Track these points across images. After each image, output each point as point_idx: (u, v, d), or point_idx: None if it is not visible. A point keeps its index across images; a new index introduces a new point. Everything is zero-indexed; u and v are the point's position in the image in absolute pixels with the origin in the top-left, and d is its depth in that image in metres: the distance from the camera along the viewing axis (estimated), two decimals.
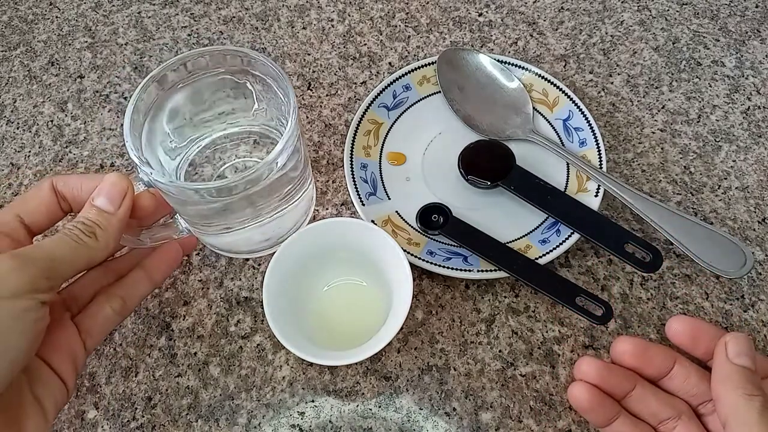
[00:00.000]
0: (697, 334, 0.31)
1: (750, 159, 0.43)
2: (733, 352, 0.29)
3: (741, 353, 0.29)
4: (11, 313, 0.25)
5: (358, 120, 0.43)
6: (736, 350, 0.29)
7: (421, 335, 0.37)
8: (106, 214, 0.30)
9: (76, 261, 0.29)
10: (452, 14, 0.51)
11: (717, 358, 0.29)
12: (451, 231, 0.38)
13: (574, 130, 0.42)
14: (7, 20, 0.53)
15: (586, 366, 0.31)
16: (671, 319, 0.32)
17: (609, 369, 0.31)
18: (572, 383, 0.31)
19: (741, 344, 0.29)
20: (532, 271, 0.36)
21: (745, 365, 0.28)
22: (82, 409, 0.36)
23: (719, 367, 0.29)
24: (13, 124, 0.47)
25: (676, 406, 0.31)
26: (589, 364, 0.31)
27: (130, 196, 0.31)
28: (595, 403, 0.31)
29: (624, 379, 0.31)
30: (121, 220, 0.31)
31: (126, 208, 0.31)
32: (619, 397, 0.31)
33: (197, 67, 0.35)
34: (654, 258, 0.35)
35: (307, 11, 0.52)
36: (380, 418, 0.35)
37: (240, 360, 0.37)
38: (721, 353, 0.29)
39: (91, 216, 0.30)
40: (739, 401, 0.27)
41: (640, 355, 0.31)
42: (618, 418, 0.31)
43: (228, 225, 0.36)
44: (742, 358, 0.28)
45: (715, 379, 0.29)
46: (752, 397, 0.27)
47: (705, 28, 0.50)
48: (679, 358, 0.31)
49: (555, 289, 0.35)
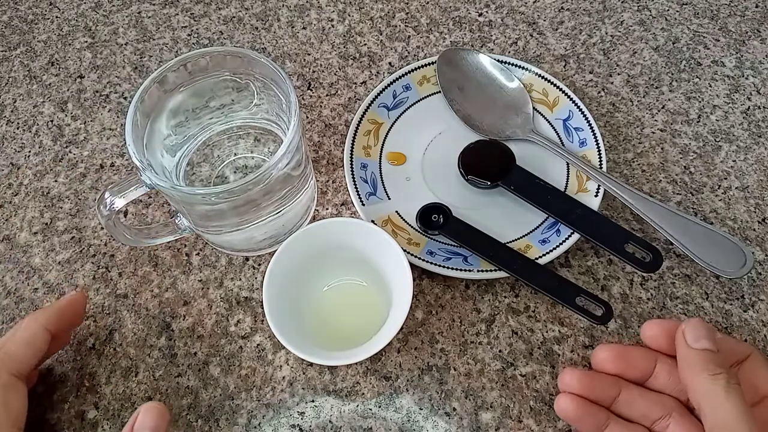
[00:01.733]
0: (672, 333, 0.31)
1: (750, 159, 0.43)
2: (691, 337, 0.29)
3: (699, 337, 0.29)
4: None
5: (358, 120, 0.43)
6: (694, 335, 0.29)
7: (421, 335, 0.37)
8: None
9: None
10: (452, 14, 0.51)
11: (678, 348, 0.30)
12: (451, 231, 0.38)
13: (574, 130, 0.42)
14: (7, 20, 0.53)
15: (568, 378, 0.31)
16: (644, 326, 0.32)
17: (591, 377, 0.31)
18: (558, 396, 0.31)
19: (697, 329, 0.29)
20: (532, 271, 0.36)
21: (705, 347, 0.29)
22: (82, 409, 0.36)
23: (682, 356, 0.29)
24: (13, 124, 0.47)
25: (666, 403, 0.31)
26: (572, 375, 0.31)
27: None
28: (582, 412, 0.31)
29: (608, 386, 0.31)
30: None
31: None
32: (607, 404, 0.31)
33: (197, 68, 0.35)
34: (654, 258, 0.35)
35: (307, 11, 0.52)
36: (380, 418, 0.35)
37: (240, 360, 0.37)
38: (680, 342, 0.29)
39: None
40: (705, 383, 0.27)
41: (621, 359, 0.31)
42: (609, 425, 0.31)
43: (229, 224, 0.36)
44: (700, 342, 0.29)
45: (681, 368, 0.29)
46: (716, 376, 0.27)
47: (705, 28, 0.50)
48: (659, 356, 0.32)
49: (555, 289, 0.35)
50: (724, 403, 0.27)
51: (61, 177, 0.44)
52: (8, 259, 0.41)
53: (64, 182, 0.44)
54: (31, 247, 0.42)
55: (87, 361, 0.37)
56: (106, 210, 0.33)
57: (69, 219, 0.43)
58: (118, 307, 0.39)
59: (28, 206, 0.43)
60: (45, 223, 0.42)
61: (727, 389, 0.27)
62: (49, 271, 0.41)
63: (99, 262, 0.41)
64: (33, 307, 0.39)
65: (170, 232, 0.38)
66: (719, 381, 0.27)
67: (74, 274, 0.40)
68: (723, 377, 0.27)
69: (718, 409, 0.27)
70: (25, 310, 0.39)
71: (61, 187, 0.44)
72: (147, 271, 0.40)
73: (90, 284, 0.40)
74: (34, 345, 0.32)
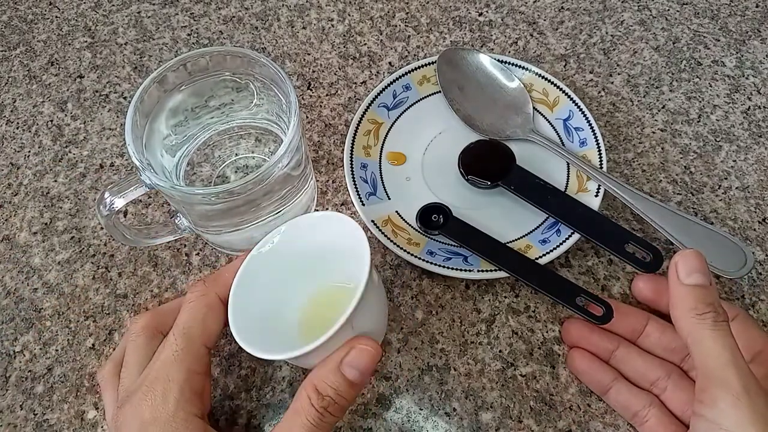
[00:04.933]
0: (659, 288, 0.32)
1: (750, 159, 0.43)
2: (683, 272, 0.28)
3: (692, 271, 0.27)
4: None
5: (358, 120, 0.43)
6: (687, 269, 0.27)
7: (421, 335, 0.37)
8: (353, 388, 0.28)
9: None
10: (452, 14, 0.51)
11: (670, 282, 0.28)
12: (451, 231, 0.38)
13: (575, 129, 0.42)
14: (7, 20, 0.53)
15: (573, 328, 0.34)
16: (636, 278, 0.34)
17: (590, 328, 0.34)
18: (569, 351, 0.34)
19: (691, 262, 0.28)
20: (532, 270, 0.36)
21: (697, 283, 0.27)
22: (82, 409, 0.36)
23: (673, 292, 0.28)
24: (12, 124, 0.47)
25: (664, 365, 0.31)
26: (573, 325, 0.34)
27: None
28: (591, 367, 0.33)
29: (605, 338, 0.33)
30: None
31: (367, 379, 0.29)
32: (606, 357, 0.33)
33: (197, 68, 0.35)
34: (654, 258, 0.35)
35: (307, 11, 0.52)
36: (380, 418, 0.35)
37: (240, 360, 0.37)
38: (672, 275, 0.28)
39: (342, 390, 0.28)
40: (693, 322, 0.26)
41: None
42: (614, 387, 0.32)
43: (229, 224, 0.36)
44: (693, 277, 0.27)
45: (672, 305, 0.28)
46: (704, 315, 0.26)
47: (705, 27, 0.49)
48: (651, 316, 0.32)
49: (555, 289, 0.35)
50: (710, 345, 0.25)
51: (60, 177, 0.44)
52: (8, 259, 0.41)
53: (63, 182, 0.44)
54: (30, 247, 0.42)
55: (87, 361, 0.37)
56: (106, 210, 0.33)
57: (69, 219, 0.42)
58: (118, 307, 0.39)
59: (28, 206, 0.43)
60: (45, 223, 0.42)
61: (714, 328, 0.25)
62: (48, 271, 0.40)
63: (99, 262, 0.41)
64: (33, 307, 0.39)
65: (170, 232, 0.38)
66: (706, 321, 0.26)
67: (74, 274, 0.40)
68: (710, 317, 0.26)
69: (704, 351, 0.25)
70: (24, 310, 0.39)
71: (61, 187, 0.44)
72: (147, 271, 0.40)
73: (90, 284, 0.40)
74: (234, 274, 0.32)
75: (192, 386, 0.30)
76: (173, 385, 0.29)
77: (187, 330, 0.31)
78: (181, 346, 0.30)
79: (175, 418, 0.28)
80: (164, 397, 0.29)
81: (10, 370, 0.37)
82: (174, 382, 0.29)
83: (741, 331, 0.29)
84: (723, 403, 0.23)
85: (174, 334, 0.31)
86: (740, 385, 0.24)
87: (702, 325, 0.26)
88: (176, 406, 0.28)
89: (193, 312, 0.31)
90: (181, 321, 0.31)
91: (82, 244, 0.41)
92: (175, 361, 0.30)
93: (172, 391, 0.29)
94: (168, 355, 0.30)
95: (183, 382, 0.29)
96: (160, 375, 0.29)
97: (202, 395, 0.30)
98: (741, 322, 0.31)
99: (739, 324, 0.30)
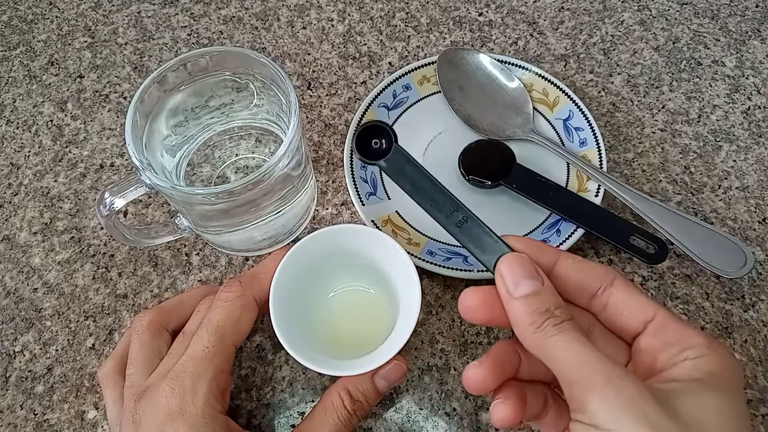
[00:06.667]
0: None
1: (750, 159, 0.43)
2: (511, 283, 0.25)
3: (519, 280, 0.24)
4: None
5: (358, 120, 0.43)
6: (513, 279, 0.25)
7: (421, 335, 0.37)
8: (377, 397, 0.32)
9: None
10: (452, 14, 0.51)
11: (502, 298, 0.25)
12: (394, 166, 0.30)
13: (575, 129, 0.42)
14: (7, 20, 0.53)
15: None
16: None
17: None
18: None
19: (515, 269, 0.25)
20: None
21: (527, 293, 0.24)
22: (82, 409, 0.36)
23: (507, 309, 0.25)
24: (12, 124, 0.47)
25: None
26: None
27: None
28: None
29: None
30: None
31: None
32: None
33: (197, 68, 0.35)
34: (659, 249, 0.35)
35: (307, 11, 0.52)
36: (380, 418, 0.35)
37: (240, 360, 0.37)
38: (501, 290, 0.25)
39: (370, 397, 0.31)
40: (535, 338, 0.24)
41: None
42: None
43: (229, 224, 0.36)
44: (521, 287, 0.24)
45: (512, 324, 0.25)
46: (543, 327, 0.23)
47: (705, 27, 0.49)
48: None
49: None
50: (559, 353, 0.23)
51: (60, 177, 0.44)
52: (8, 259, 0.41)
53: (63, 182, 0.44)
54: (30, 247, 0.42)
55: (87, 361, 0.37)
56: (106, 210, 0.33)
57: (69, 219, 0.42)
58: (118, 307, 0.39)
59: (28, 206, 0.43)
60: (45, 223, 0.42)
61: (555, 333, 0.23)
62: (48, 271, 0.40)
63: (99, 262, 0.41)
64: (33, 307, 0.39)
65: (170, 232, 0.38)
66: (546, 330, 0.23)
67: (74, 274, 0.40)
68: (549, 323, 0.23)
69: (557, 361, 0.23)
70: (24, 310, 0.39)
71: (61, 187, 0.44)
72: (147, 271, 0.40)
73: (90, 284, 0.40)
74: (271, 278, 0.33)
75: (219, 384, 0.30)
76: (203, 381, 0.29)
77: (221, 328, 0.31)
78: (213, 343, 0.30)
79: (203, 413, 0.28)
80: (193, 392, 0.29)
81: (10, 370, 0.37)
82: (203, 378, 0.29)
83: (620, 299, 0.25)
84: (593, 404, 0.21)
85: (207, 331, 0.31)
86: (601, 377, 0.22)
87: (544, 336, 0.23)
88: (205, 402, 0.29)
89: (228, 311, 0.31)
90: (215, 318, 0.31)
91: (82, 244, 0.41)
92: (205, 358, 0.30)
93: (201, 386, 0.29)
94: (198, 350, 0.30)
95: (212, 379, 0.29)
96: (187, 369, 0.29)
97: (225, 393, 0.30)
98: (618, 289, 0.26)
99: (617, 292, 0.26)
